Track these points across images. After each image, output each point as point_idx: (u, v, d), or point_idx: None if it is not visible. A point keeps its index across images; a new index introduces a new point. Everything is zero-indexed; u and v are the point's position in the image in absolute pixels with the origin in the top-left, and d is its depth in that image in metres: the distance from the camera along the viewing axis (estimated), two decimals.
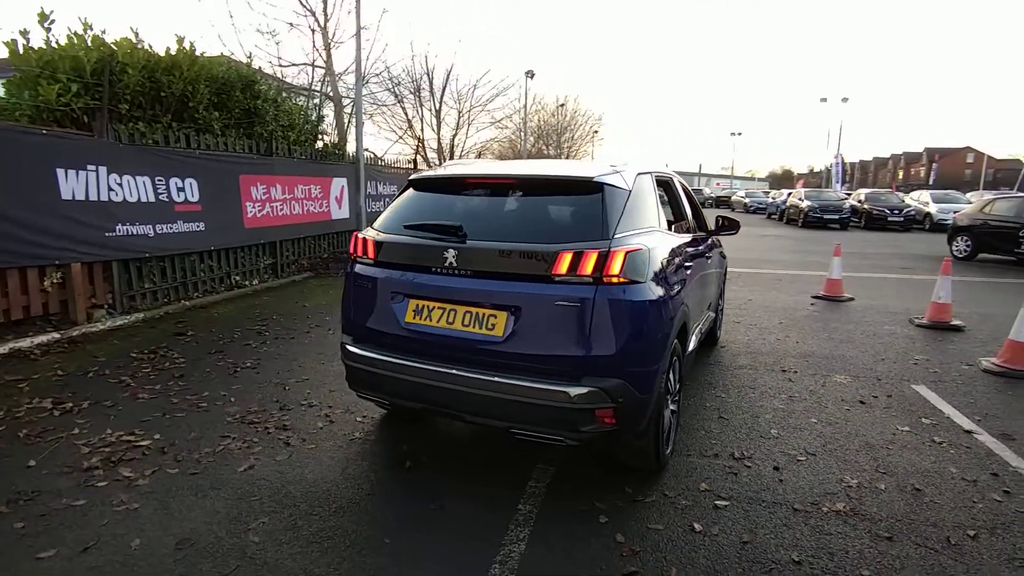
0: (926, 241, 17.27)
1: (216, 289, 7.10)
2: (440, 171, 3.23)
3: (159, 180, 6.19)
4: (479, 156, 22.79)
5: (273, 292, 7.63)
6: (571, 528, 2.54)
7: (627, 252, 2.50)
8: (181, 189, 6.47)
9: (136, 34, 6.26)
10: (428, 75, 19.42)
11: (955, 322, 6.21)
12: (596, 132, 40.44)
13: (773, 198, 31.92)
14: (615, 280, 2.46)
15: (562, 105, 35.57)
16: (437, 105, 20.05)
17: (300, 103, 10.16)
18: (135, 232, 5.94)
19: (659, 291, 2.68)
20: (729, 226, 4.70)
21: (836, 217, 22.48)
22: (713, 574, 2.25)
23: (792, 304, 7.35)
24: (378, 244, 2.94)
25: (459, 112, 21.26)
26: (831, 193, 26.14)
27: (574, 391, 2.45)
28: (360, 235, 3.05)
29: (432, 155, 20.47)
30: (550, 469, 3.04)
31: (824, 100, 40.50)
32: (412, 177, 3.25)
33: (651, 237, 2.88)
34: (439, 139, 20.75)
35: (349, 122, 12.68)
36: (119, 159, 5.73)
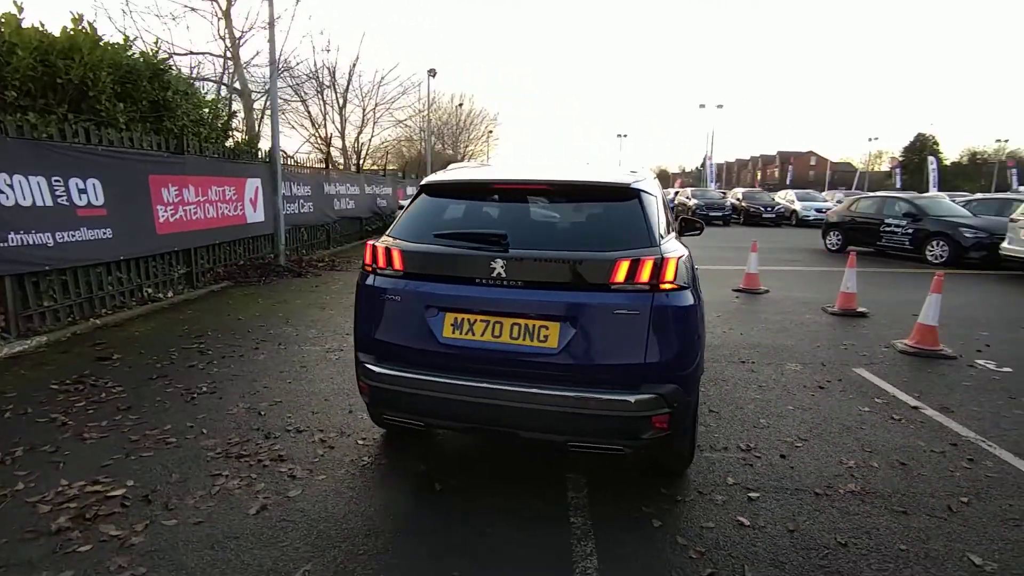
0: (798, 235, 19.40)
1: (127, 304, 6.24)
2: (458, 175, 3.07)
3: (56, 181, 5.31)
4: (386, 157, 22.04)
5: (194, 305, 6.85)
6: (630, 536, 2.55)
7: (677, 259, 2.54)
8: (83, 191, 5.61)
9: (19, 8, 5.30)
10: (331, 71, 18.44)
11: (860, 309, 7.05)
12: (491, 132, 40.86)
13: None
14: (669, 287, 2.49)
15: (460, 104, 35.47)
16: (341, 102, 19.10)
17: (210, 96, 9.18)
18: (31, 242, 5.05)
19: (695, 295, 2.76)
20: (692, 227, 4.93)
21: (720, 214, 24.55)
22: (779, 565, 2.36)
23: (720, 298, 7.91)
24: (407, 254, 2.74)
25: (363, 110, 20.44)
26: (714, 192, 28.51)
27: (635, 398, 2.45)
28: (380, 244, 2.82)
29: (336, 154, 19.51)
30: (582, 479, 3.02)
31: (703, 106, 43.87)
32: (425, 182, 3.06)
33: (676, 242, 2.95)
34: (343, 138, 19.81)
35: (260, 118, 11.69)
36: (6, 155, 4.84)
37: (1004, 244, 10.43)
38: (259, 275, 8.57)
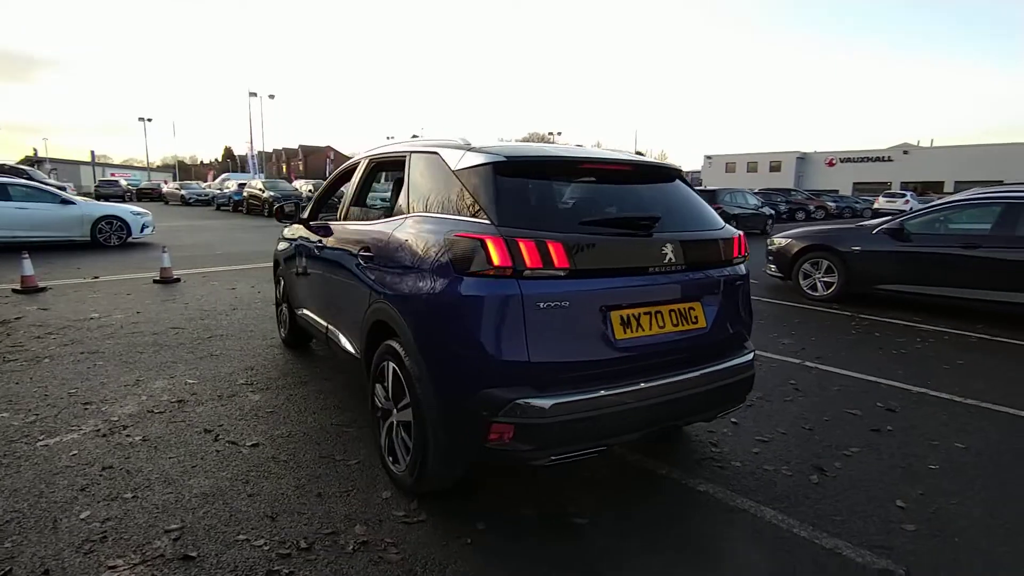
0: None
1: None
2: (539, 151, 2.54)
3: None
4: None
5: None
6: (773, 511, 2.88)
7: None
8: None
9: None
10: None
11: None
12: None
13: (221, 188, 30.75)
14: (743, 258, 2.91)
15: None
16: None
17: None
18: None
19: None
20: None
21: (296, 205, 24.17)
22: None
23: None
24: (570, 247, 2.18)
25: None
26: (285, 183, 27.57)
27: (750, 356, 2.79)
28: (525, 240, 2.13)
29: None
30: (661, 470, 3.10)
31: (254, 95, 40.87)
32: (499, 160, 2.41)
33: None
34: None
35: None
36: None
37: None
38: None
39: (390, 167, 3.47)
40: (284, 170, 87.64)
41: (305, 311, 4.23)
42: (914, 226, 7.11)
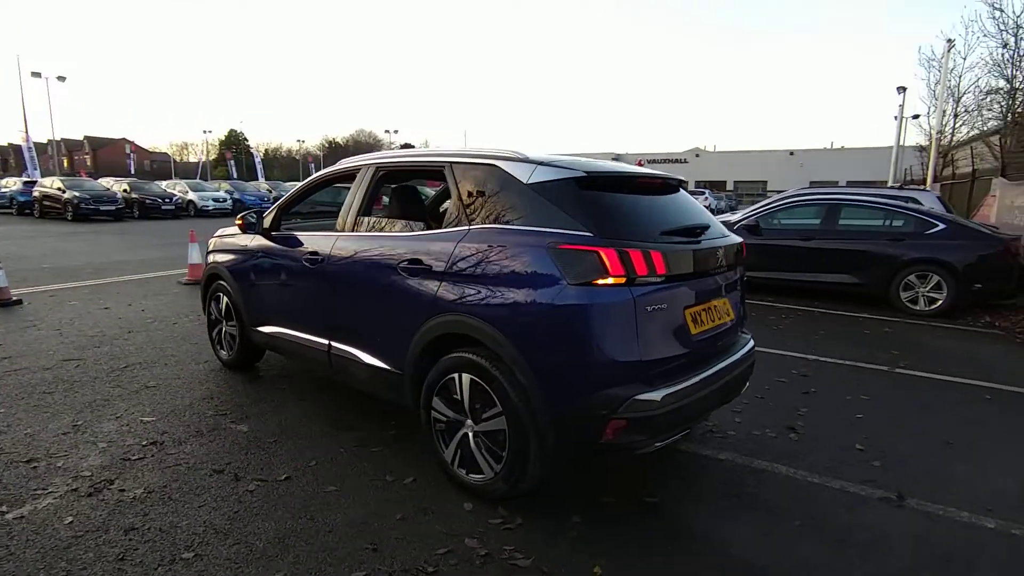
0: (213, 224, 19.12)
1: None
2: (603, 168, 2.72)
3: None
4: None
5: None
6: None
7: None
8: None
9: None
10: None
11: None
12: None
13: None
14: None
15: None
16: None
17: None
18: None
19: None
20: None
21: (112, 208, 20.77)
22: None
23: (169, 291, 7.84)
24: (668, 256, 2.46)
25: None
26: (91, 182, 23.34)
27: (752, 341, 3.29)
28: (633, 250, 2.34)
29: None
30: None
31: (37, 75, 33.29)
32: (580, 175, 2.57)
33: None
34: None
35: None
36: None
37: None
38: None
39: (411, 176, 3.37)
40: (67, 164, 73.61)
41: (275, 328, 3.89)
42: (765, 222, 8.57)
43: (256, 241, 4.07)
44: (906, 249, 7.45)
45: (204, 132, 59.03)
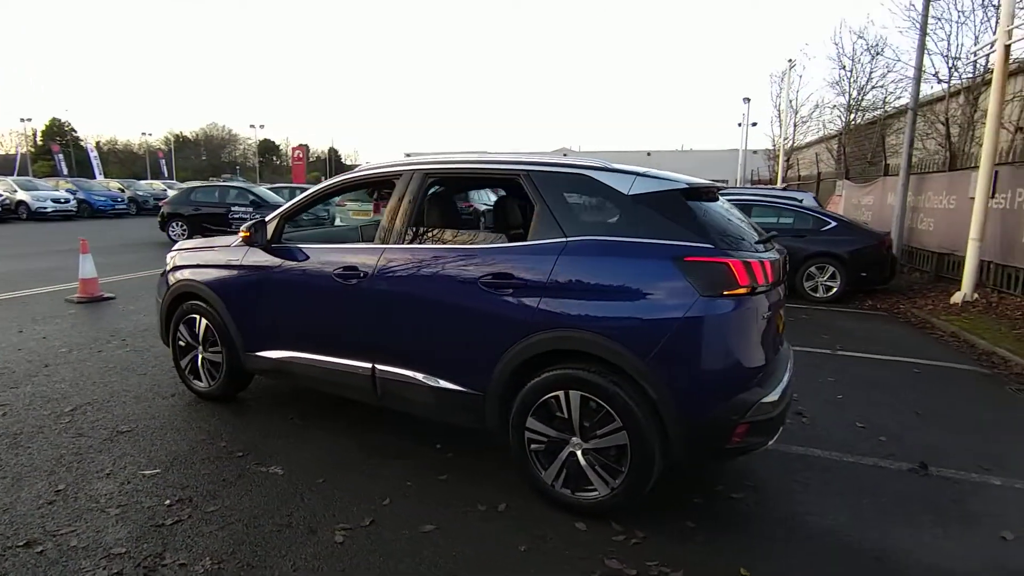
0: (54, 229, 16.47)
1: None
2: (695, 179, 2.77)
3: None
4: None
5: None
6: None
7: None
8: None
9: None
10: None
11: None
12: None
13: None
14: None
15: None
16: None
17: None
18: None
19: None
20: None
21: None
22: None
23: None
24: (774, 266, 2.60)
25: None
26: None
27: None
28: (754, 261, 2.45)
29: None
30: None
31: None
32: (684, 187, 2.62)
33: None
34: None
35: None
36: None
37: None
38: None
39: (468, 184, 3.16)
40: None
41: (288, 353, 3.45)
42: None
43: (254, 255, 3.57)
44: (807, 244, 8.49)
45: (22, 120, 49.82)
